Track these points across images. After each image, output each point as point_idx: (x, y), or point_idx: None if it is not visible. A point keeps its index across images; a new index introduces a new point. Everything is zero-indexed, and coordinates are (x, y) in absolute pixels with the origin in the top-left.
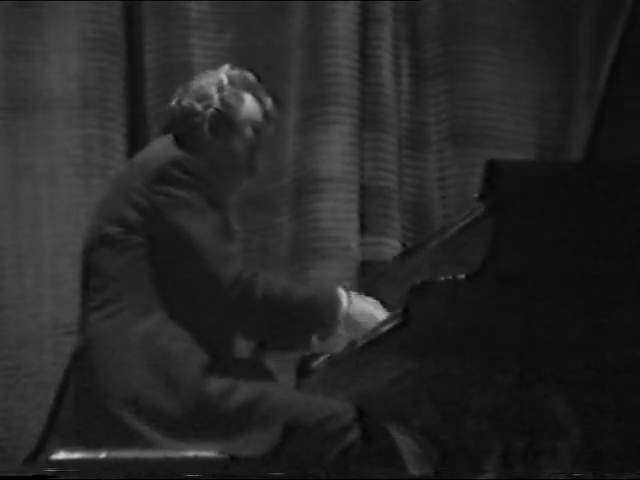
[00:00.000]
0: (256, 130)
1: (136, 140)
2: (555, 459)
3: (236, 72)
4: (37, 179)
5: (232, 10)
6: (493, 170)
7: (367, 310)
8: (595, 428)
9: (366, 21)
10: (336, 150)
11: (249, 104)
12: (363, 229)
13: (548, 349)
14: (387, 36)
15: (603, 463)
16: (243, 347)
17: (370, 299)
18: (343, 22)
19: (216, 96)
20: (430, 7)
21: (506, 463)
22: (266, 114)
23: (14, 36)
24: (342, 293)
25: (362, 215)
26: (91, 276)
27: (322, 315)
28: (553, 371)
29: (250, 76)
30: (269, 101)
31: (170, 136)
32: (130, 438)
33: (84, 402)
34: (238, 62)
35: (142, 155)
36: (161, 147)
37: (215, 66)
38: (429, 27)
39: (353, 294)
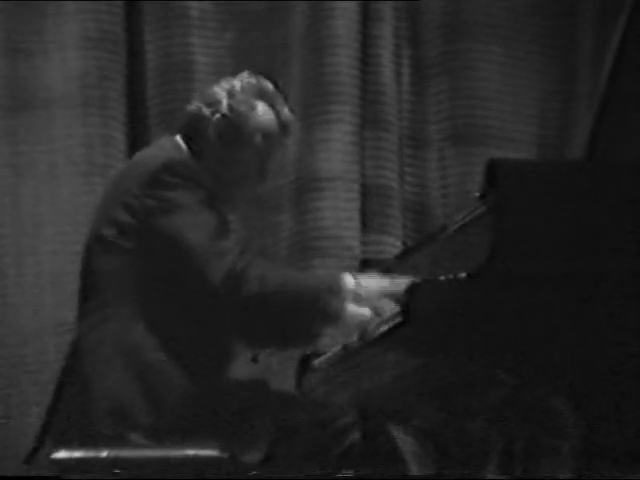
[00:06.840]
0: (268, 140)
1: (137, 139)
2: (555, 459)
3: (252, 79)
4: (38, 178)
5: (232, 9)
6: (494, 169)
7: (376, 282)
8: (595, 428)
9: (367, 20)
10: (337, 149)
11: (261, 113)
12: (364, 228)
13: (549, 348)
14: (388, 35)
15: (603, 463)
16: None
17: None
18: (343, 21)
19: (225, 102)
20: (430, 6)
21: (506, 463)
22: (282, 124)
23: (15, 35)
24: (346, 275)
25: (363, 214)
26: (86, 279)
27: (326, 299)
28: (553, 371)
29: (267, 84)
30: (286, 111)
31: (174, 136)
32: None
33: (74, 407)
34: (238, 61)
35: (139, 156)
36: (158, 149)
37: (215, 65)
38: (430, 26)
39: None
